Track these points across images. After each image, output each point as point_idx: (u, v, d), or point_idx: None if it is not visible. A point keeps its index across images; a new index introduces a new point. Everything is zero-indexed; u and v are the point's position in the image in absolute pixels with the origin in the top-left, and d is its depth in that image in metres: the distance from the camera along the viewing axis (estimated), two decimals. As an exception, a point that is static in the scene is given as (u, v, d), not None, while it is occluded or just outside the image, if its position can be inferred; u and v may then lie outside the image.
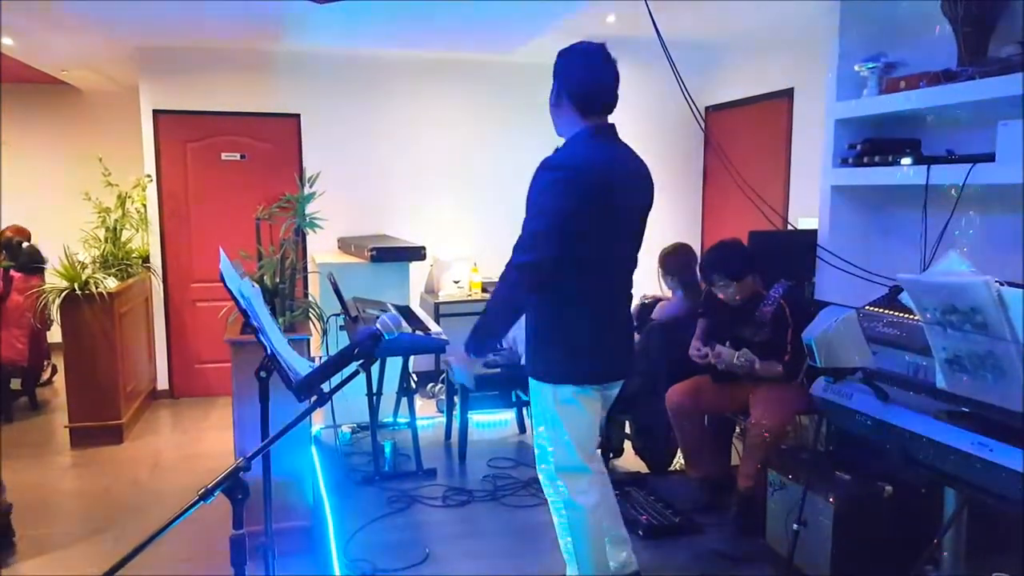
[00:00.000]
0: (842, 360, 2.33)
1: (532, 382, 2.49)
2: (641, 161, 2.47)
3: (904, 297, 2.08)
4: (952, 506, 2.43)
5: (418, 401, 4.80)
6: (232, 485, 1.56)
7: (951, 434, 2.00)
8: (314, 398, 1.70)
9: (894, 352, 2.55)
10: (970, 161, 2.78)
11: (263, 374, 2.08)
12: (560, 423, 2.43)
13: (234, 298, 2.04)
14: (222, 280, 2.03)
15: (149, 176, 5.44)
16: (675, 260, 4.01)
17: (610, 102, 2.37)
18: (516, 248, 2.29)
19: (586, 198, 2.25)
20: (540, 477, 2.59)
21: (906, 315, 2.44)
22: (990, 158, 2.70)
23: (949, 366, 1.97)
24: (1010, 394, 1.82)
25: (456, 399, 4.43)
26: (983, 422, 1.96)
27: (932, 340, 1.99)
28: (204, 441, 4.73)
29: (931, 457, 2.09)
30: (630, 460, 4.12)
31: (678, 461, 3.95)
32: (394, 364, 4.48)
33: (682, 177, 5.61)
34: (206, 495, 1.50)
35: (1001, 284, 1.79)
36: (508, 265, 2.30)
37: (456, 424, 4.40)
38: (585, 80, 2.33)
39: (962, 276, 1.80)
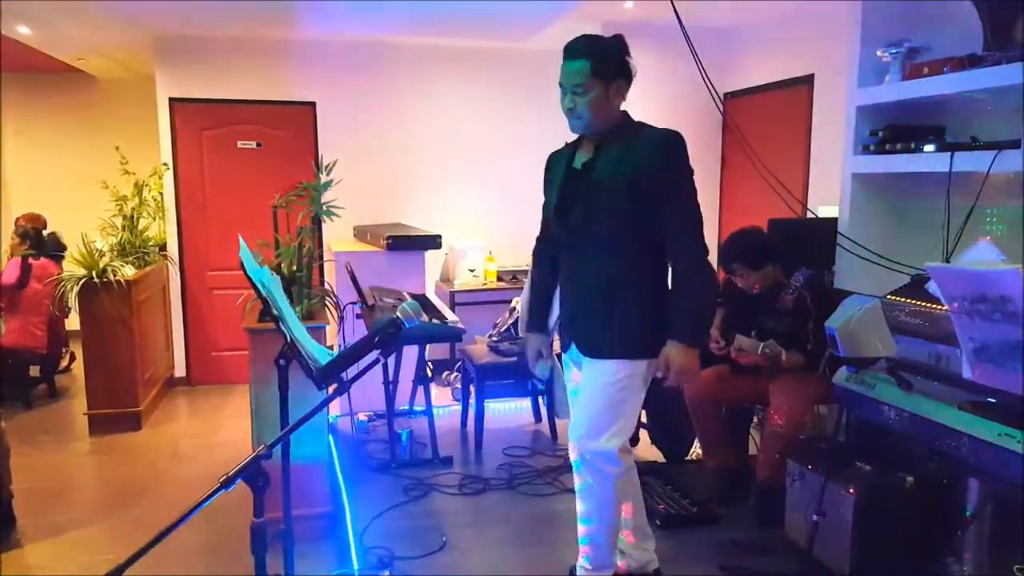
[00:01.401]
0: (865, 350, 2.30)
1: (606, 363, 2.42)
2: None
3: (931, 286, 2.05)
4: (976, 497, 2.40)
5: (434, 389, 4.80)
6: (253, 473, 1.55)
7: (977, 424, 1.97)
8: (334, 386, 1.70)
9: (916, 341, 2.52)
10: (995, 148, 2.72)
11: (282, 362, 2.08)
12: (637, 398, 2.44)
13: (255, 286, 2.04)
14: (242, 268, 2.03)
15: (166, 164, 5.45)
16: None
17: None
18: (692, 236, 2.36)
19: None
20: (586, 457, 2.46)
21: (928, 304, 2.41)
22: (1015, 145, 2.64)
23: (976, 356, 1.94)
24: (1039, 385, 1.79)
25: (472, 387, 4.43)
26: (1010, 412, 1.93)
27: (959, 329, 1.96)
28: (221, 429, 4.77)
29: (955, 448, 2.06)
30: (647, 449, 4.11)
31: (695, 451, 3.94)
32: (410, 352, 4.48)
33: (700, 164, 5.46)
34: (227, 483, 1.50)
35: (1030, 273, 1.76)
36: (695, 256, 2.35)
37: (472, 412, 4.40)
38: (629, 66, 2.39)
39: (992, 264, 1.77)
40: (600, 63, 2.32)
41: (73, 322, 5.03)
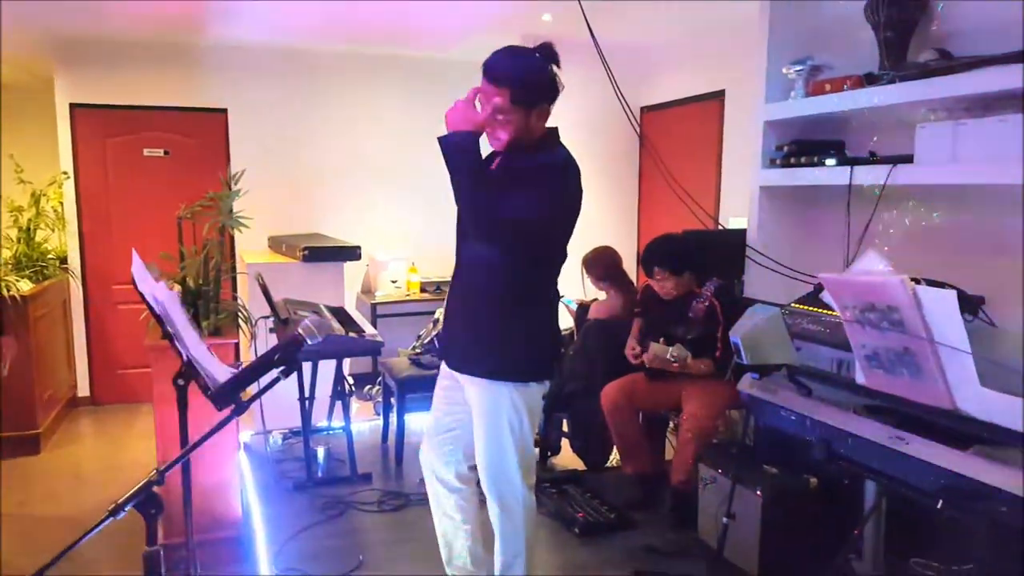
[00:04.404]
0: (767, 357, 2.38)
1: (488, 385, 2.31)
2: None
3: (826, 295, 2.13)
4: (872, 497, 2.51)
5: (355, 404, 4.71)
6: (145, 500, 1.50)
7: (869, 428, 2.06)
8: (232, 407, 1.63)
9: (819, 347, 2.61)
10: (890, 162, 2.87)
11: (181, 381, 1.99)
12: (527, 422, 2.34)
13: (147, 303, 1.95)
14: (134, 284, 1.93)
15: (66, 173, 5.18)
16: (602, 262, 4.07)
17: None
18: (500, 235, 2.20)
19: (577, 199, 2.28)
20: (496, 490, 2.40)
21: (829, 312, 2.51)
22: (909, 159, 2.79)
23: (868, 362, 2.02)
24: (925, 389, 1.88)
25: (393, 400, 4.36)
26: (900, 416, 2.01)
27: (852, 337, 2.04)
28: (128, 450, 4.54)
29: (851, 450, 2.14)
30: (568, 458, 4.14)
31: (615, 458, 3.98)
32: (328, 367, 4.37)
33: (619, 177, 5.67)
34: (116, 511, 1.45)
35: (919, 282, 1.85)
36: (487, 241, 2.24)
37: (393, 427, 4.33)
38: (555, 82, 2.24)
39: (880, 275, 1.85)
40: (522, 91, 2.16)
41: (-37, 340, 4.72)
